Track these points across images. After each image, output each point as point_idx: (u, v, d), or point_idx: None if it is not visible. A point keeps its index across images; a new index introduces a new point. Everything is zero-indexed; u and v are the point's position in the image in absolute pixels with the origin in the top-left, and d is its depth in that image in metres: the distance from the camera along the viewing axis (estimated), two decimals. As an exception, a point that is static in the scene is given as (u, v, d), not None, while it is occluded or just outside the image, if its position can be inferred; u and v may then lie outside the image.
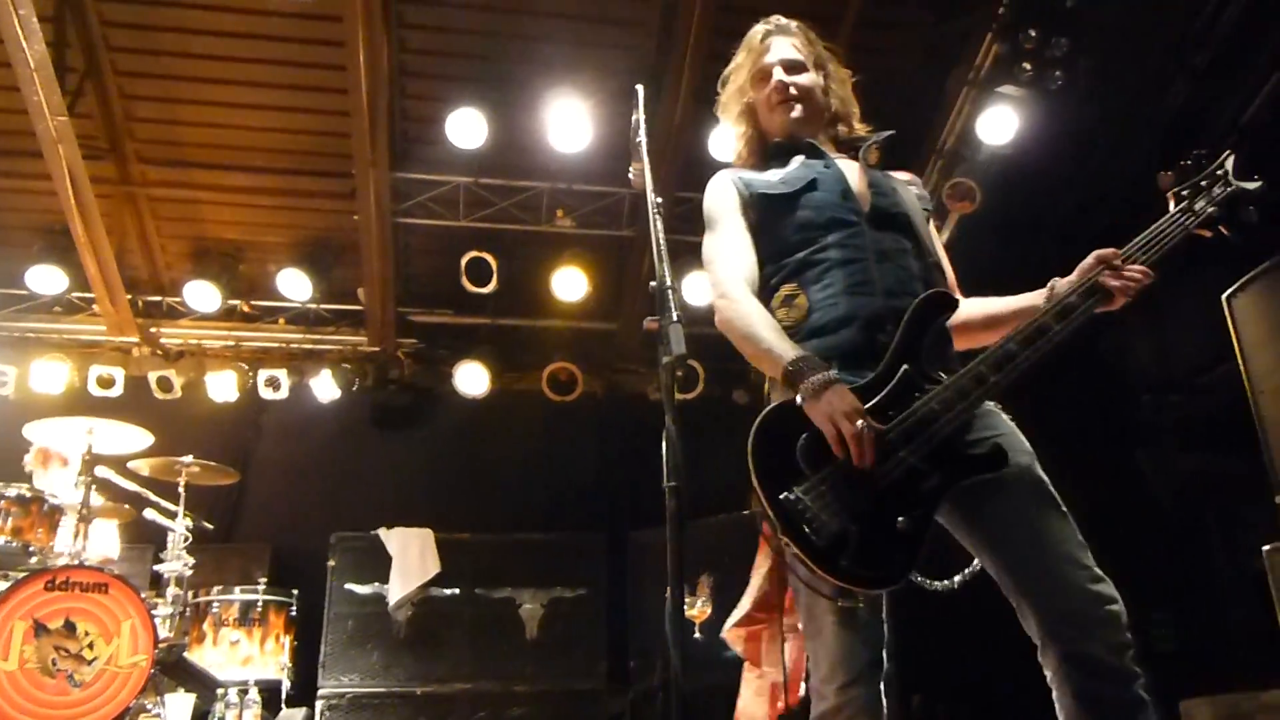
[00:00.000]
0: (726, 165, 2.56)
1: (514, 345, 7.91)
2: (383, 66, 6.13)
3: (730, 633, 3.21)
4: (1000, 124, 5.82)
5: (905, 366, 2.04)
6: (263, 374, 7.52)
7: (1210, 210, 2.18)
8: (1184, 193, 2.23)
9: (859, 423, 1.92)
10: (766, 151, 2.51)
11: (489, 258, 7.01)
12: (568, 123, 6.13)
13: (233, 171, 7.02)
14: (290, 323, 7.72)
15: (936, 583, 2.97)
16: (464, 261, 7.00)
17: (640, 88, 2.33)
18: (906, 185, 2.46)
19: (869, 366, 2.08)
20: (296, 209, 7.30)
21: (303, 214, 7.33)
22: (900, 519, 1.92)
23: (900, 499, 1.94)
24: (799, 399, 2.00)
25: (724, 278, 2.28)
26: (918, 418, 1.99)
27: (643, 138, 2.27)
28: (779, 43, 2.49)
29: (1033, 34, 5.54)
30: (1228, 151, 2.25)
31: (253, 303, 7.67)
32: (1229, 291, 4.69)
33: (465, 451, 7.70)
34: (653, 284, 2.01)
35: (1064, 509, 2.05)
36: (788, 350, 2.07)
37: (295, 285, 7.19)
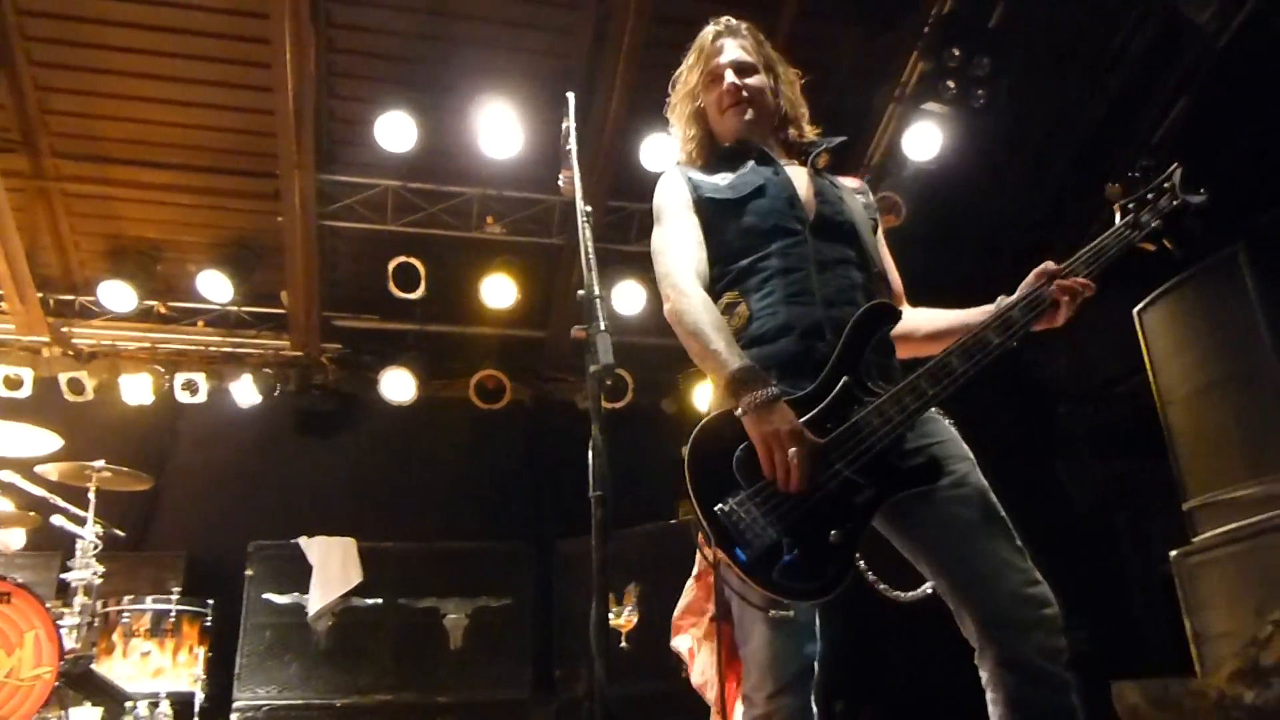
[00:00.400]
0: (658, 173, 2.53)
1: (441, 352, 7.81)
2: (309, 66, 6.03)
3: (675, 641, 3.24)
4: (925, 140, 5.95)
5: (845, 378, 2.05)
6: (179, 377, 7.32)
7: (1155, 224, 2.21)
8: (1130, 205, 2.26)
9: (791, 450, 1.91)
10: (716, 154, 2.48)
11: (417, 263, 6.93)
12: (498, 128, 6.09)
13: (152, 168, 6.81)
14: (210, 325, 7.53)
15: (905, 594, 2.99)
16: (391, 266, 6.91)
17: (571, 95, 2.31)
18: (854, 194, 2.45)
19: (808, 376, 2.07)
20: (218, 208, 7.11)
21: (225, 214, 7.14)
22: (833, 532, 1.93)
23: (834, 512, 1.95)
24: (739, 412, 1.98)
25: (675, 269, 2.23)
26: (855, 431, 2.00)
27: (573, 145, 2.25)
28: (730, 44, 2.46)
29: (956, 53, 5.68)
30: (1175, 165, 2.27)
31: (170, 304, 7.45)
32: (1140, 306, 4.85)
33: (390, 459, 7.59)
34: (581, 292, 1.99)
35: (1001, 514, 2.07)
36: (733, 359, 2.04)
37: (215, 287, 6.99)
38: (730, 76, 2.41)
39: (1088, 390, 6.67)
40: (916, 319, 2.37)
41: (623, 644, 5.62)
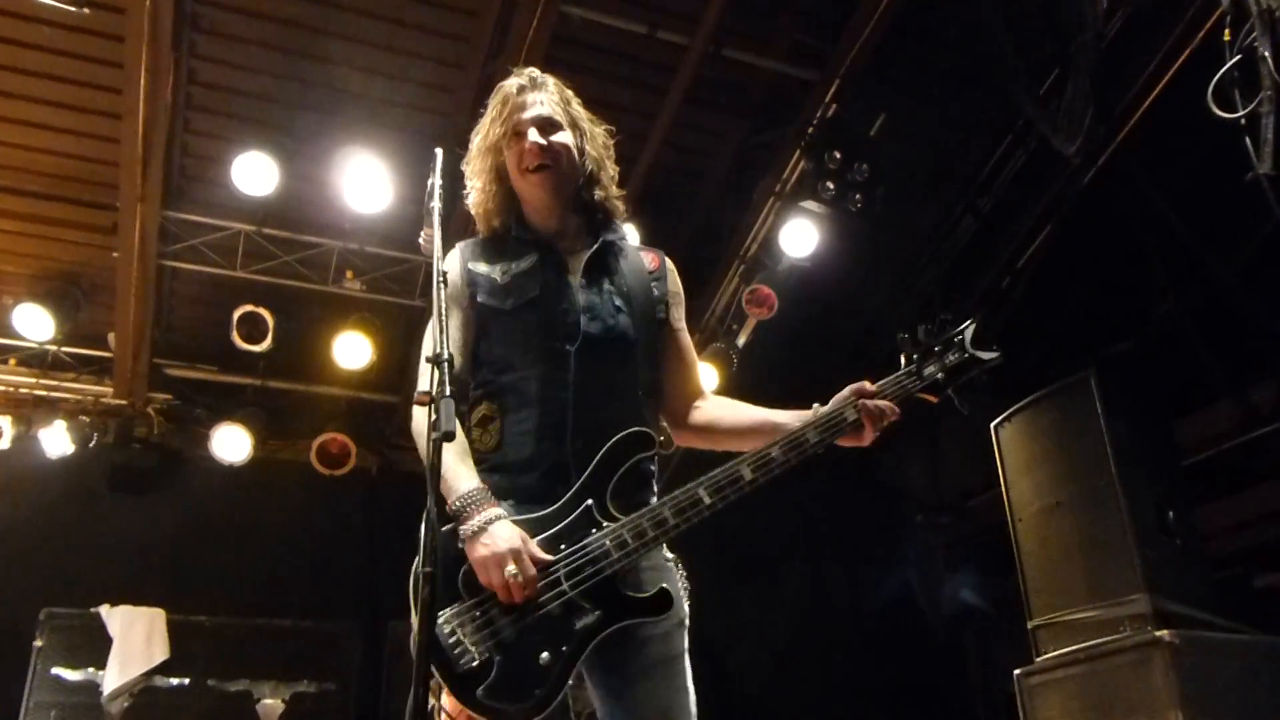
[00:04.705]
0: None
1: (283, 410, 7.45)
2: (165, 96, 5.65)
3: None
4: (801, 237, 6.00)
5: (589, 502, 2.07)
6: (-21, 419, 6.64)
7: (938, 376, 2.26)
8: (915, 356, 2.29)
9: (508, 569, 1.92)
10: (507, 235, 2.40)
11: (265, 313, 6.58)
12: (366, 181, 5.86)
13: (-29, 188, 6.26)
14: (22, 364, 6.96)
15: None
16: (236, 315, 6.55)
17: (439, 151, 2.20)
18: (647, 279, 2.38)
19: (551, 503, 2.09)
20: (45, 238, 6.57)
21: (53, 244, 6.61)
22: (545, 654, 1.93)
23: (551, 633, 1.96)
24: (460, 539, 1.99)
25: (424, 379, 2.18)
26: (587, 554, 2.02)
27: (437, 203, 2.15)
28: (534, 99, 2.36)
29: (837, 156, 5.78)
30: (970, 320, 2.31)
31: (-22, 338, 6.86)
32: (997, 420, 4.94)
33: (214, 523, 7.08)
34: (428, 355, 1.92)
35: (685, 685, 2.07)
36: (460, 483, 2.05)
37: (33, 322, 6.46)
38: (534, 135, 2.31)
39: (944, 501, 6.78)
40: (718, 412, 2.38)
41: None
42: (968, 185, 6.17)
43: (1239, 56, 3.60)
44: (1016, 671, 4.45)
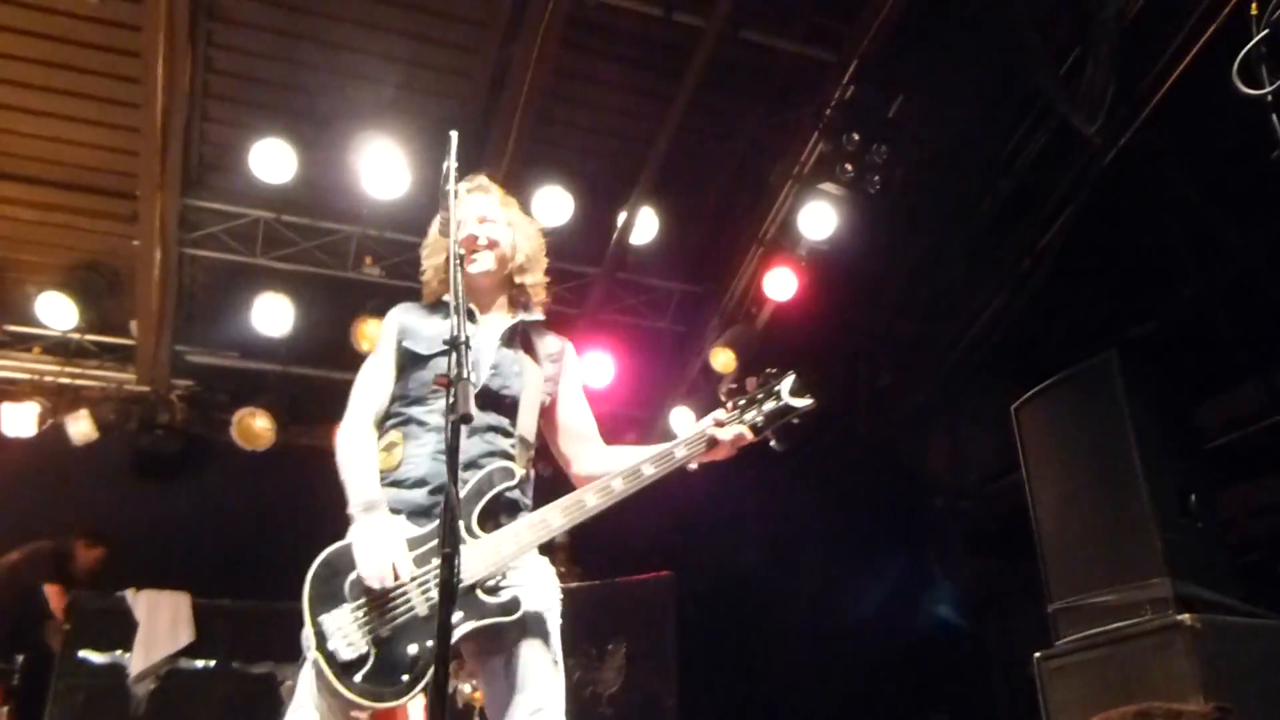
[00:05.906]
0: (548, 226, 2.88)
1: (305, 395, 7.45)
2: (183, 85, 5.68)
3: None
4: (820, 220, 5.95)
5: (459, 522, 2.32)
6: (7, 407, 6.67)
7: (757, 421, 2.62)
8: (740, 402, 2.66)
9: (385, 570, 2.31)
10: (441, 299, 2.86)
11: (286, 300, 6.61)
12: (383, 167, 5.86)
13: (-3, 179, 6.29)
14: (46, 352, 6.99)
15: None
16: (257, 301, 6.58)
17: (454, 134, 2.27)
18: (547, 359, 2.83)
19: (432, 519, 2.44)
20: (68, 227, 6.61)
21: (75, 233, 6.64)
22: (413, 647, 2.29)
23: (420, 631, 2.30)
24: (352, 528, 2.40)
25: (352, 406, 2.65)
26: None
27: (452, 186, 2.30)
28: (476, 200, 2.88)
29: (855, 138, 5.73)
30: (790, 372, 2.68)
31: (5, 326, 6.89)
32: (1017, 403, 4.88)
33: (237, 508, 7.15)
34: (446, 338, 2.03)
35: (554, 657, 2.44)
36: (356, 494, 2.45)
37: (57, 311, 6.48)
38: (471, 227, 2.81)
39: (965, 485, 6.72)
40: (608, 461, 2.70)
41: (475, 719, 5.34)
42: (988, 167, 6.06)
43: (1267, 31, 3.52)
44: (1036, 655, 4.39)
